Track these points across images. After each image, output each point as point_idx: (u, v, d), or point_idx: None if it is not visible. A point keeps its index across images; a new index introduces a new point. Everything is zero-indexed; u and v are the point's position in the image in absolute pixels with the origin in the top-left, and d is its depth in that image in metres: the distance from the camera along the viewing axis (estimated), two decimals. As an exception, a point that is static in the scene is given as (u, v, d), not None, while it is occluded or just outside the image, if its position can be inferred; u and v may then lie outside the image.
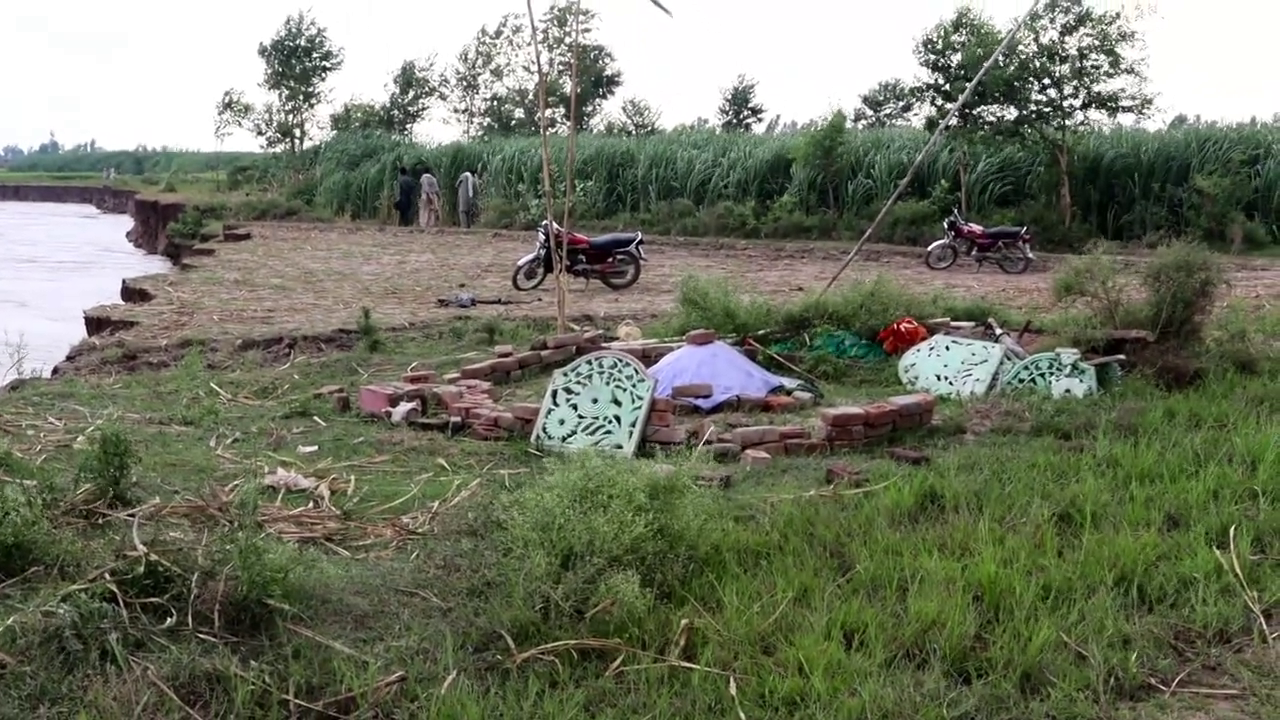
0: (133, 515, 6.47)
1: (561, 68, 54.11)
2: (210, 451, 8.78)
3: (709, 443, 8.89)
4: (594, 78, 57.99)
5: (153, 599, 4.99)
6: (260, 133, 61.02)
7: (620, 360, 9.49)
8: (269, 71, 59.36)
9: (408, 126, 62.20)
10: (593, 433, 9.13)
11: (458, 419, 9.74)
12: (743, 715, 4.45)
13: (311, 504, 7.13)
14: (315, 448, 8.99)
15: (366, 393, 10.45)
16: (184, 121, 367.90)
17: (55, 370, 15.13)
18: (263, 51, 59.56)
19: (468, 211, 41.67)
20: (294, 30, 59.79)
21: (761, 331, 13.08)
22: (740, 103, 66.83)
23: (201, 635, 4.74)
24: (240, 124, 62.25)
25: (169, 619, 4.87)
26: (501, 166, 43.72)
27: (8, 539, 5.70)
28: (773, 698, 4.57)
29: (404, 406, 9.98)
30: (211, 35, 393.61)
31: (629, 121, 62.90)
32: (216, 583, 4.95)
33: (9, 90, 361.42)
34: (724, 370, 11.19)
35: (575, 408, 9.30)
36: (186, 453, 8.68)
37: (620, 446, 8.83)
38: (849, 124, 43.69)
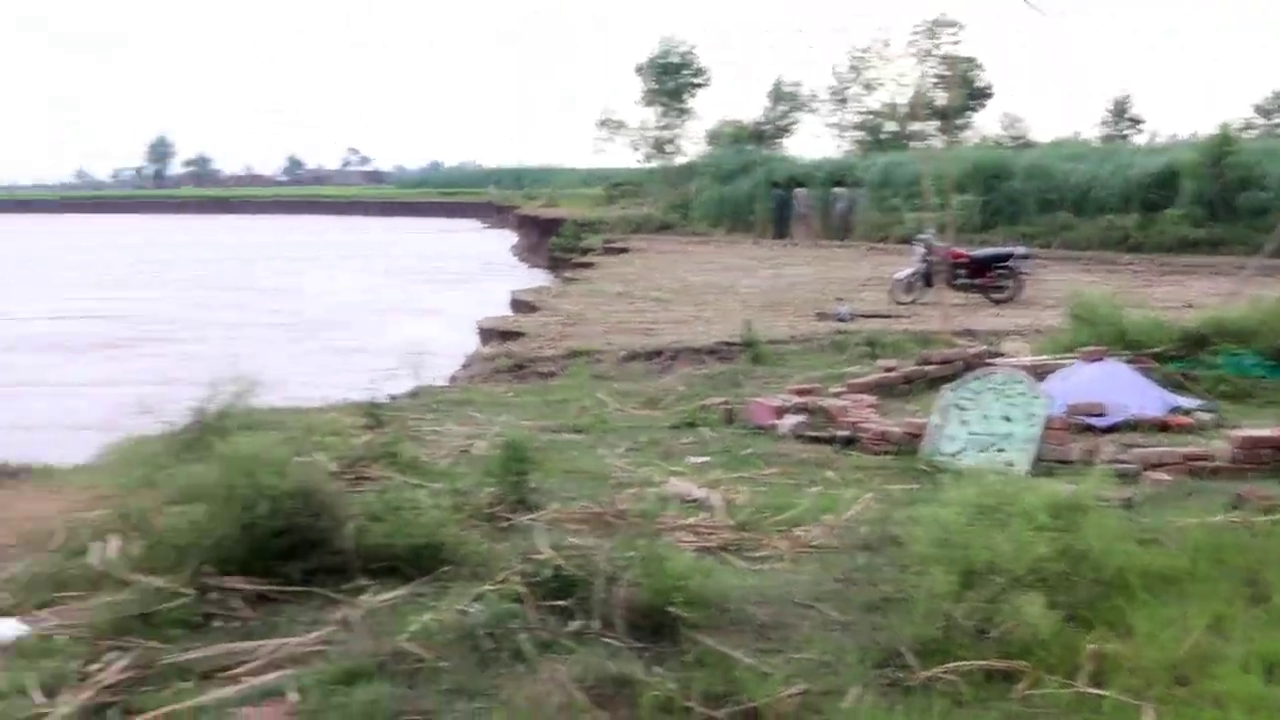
0: (535, 519, 6.73)
1: (934, 80, 53.14)
2: (603, 460, 9.03)
3: (1108, 462, 8.51)
4: (966, 89, 56.76)
5: (559, 601, 5.16)
6: (636, 148, 62.87)
7: (1012, 377, 9.22)
8: (644, 89, 61.06)
9: (779, 141, 62.57)
10: (984, 449, 8.91)
11: (846, 432, 9.68)
12: (1161, 749, 4.21)
13: (705, 514, 7.22)
14: (706, 458, 9.11)
15: (754, 405, 10.53)
16: (561, 139, 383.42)
17: (451, 378, 15.91)
18: (639, 69, 61.33)
19: (844, 225, 41.46)
20: (667, 48, 61.34)
21: (1156, 349, 12.43)
22: (1119, 114, 64.26)
23: (606, 639, 4.85)
24: (615, 140, 64.47)
25: (574, 622, 5.01)
26: (875, 180, 43.28)
27: (420, 538, 6.05)
28: (1191, 731, 4.29)
29: (791, 419, 10.00)
30: (588, 55, 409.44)
31: (1003, 134, 61.32)
32: (619, 588, 5.07)
33: (396, 115, 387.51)
34: (1119, 388, 10.69)
35: (965, 424, 9.11)
36: (580, 460, 8.97)
37: (1012, 464, 8.57)
38: (1240, 132, 41.18)
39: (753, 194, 46.32)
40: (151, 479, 7.49)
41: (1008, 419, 8.97)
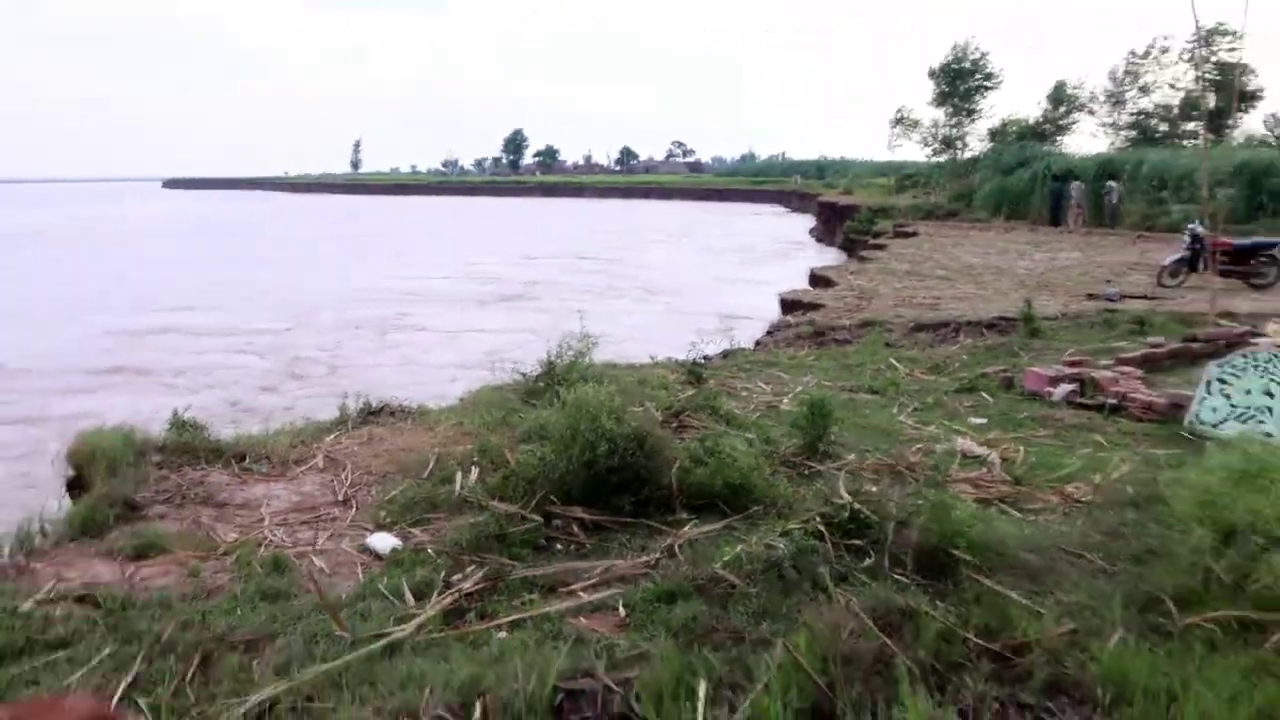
0: (836, 468, 6.73)
1: (1207, 84, 49.88)
2: (894, 418, 8.97)
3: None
4: (1238, 93, 53.06)
5: (854, 541, 5.15)
6: (926, 144, 61.42)
7: (1274, 355, 8.65)
8: (936, 91, 59.58)
9: (1057, 138, 60.07)
10: (1245, 420, 8.42)
11: (1114, 401, 9.33)
12: None
13: (985, 469, 7.07)
14: (985, 420, 8.94)
15: (1030, 373, 10.24)
16: (859, 135, 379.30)
17: (757, 343, 15.97)
18: (932, 74, 59.88)
19: (1112, 215, 39.69)
20: (959, 54, 59.60)
21: None
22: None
23: (895, 576, 4.84)
24: (909, 137, 63.04)
25: (867, 559, 5.01)
26: (1145, 175, 41.40)
27: (735, 480, 6.13)
28: None
29: (1064, 387, 9.69)
30: (886, 59, 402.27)
31: (1270, 134, 57.19)
32: (909, 531, 5.03)
33: (717, 111, 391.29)
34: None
35: (1228, 397, 8.62)
36: (874, 417, 8.92)
37: (1272, 435, 8.05)
38: None
39: (1030, 185, 44.83)
40: (507, 420, 7.85)
41: (1269, 394, 8.43)
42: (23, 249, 54.25)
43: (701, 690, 3.83)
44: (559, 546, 5.67)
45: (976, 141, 60.64)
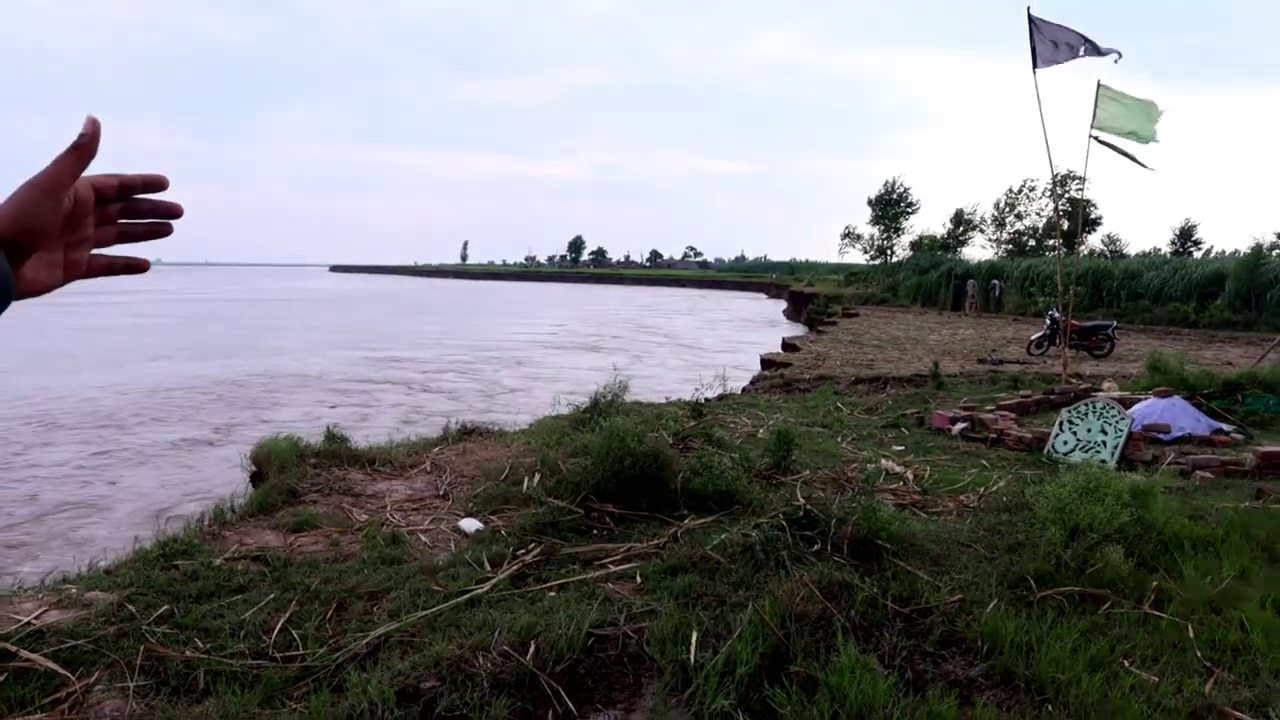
0: (796, 480, 6.65)
1: (1063, 211, 49.89)
2: (838, 445, 8.88)
3: (1170, 463, 7.76)
4: (1084, 220, 53.05)
5: (806, 532, 5.08)
6: (866, 251, 61.53)
7: (1108, 404, 8.55)
8: (873, 214, 59.75)
9: (958, 249, 60.13)
10: (1086, 450, 8.32)
11: (995, 435, 9.20)
12: (1199, 653, 3.86)
13: (902, 483, 6.98)
14: (903, 447, 8.84)
15: (936, 415, 10.13)
16: (819, 243, 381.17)
17: (743, 389, 15.90)
18: (870, 202, 60.15)
19: (997, 304, 39.57)
20: (890, 188, 59.77)
21: (1206, 390, 11.26)
22: (1185, 237, 59.20)
23: (835, 559, 4.76)
24: (855, 246, 63.16)
25: (816, 546, 4.93)
26: (1019, 276, 41.49)
27: (723, 487, 6.07)
28: (1221, 644, 3.95)
29: (960, 425, 9.57)
30: (834, 189, 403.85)
31: (1105, 249, 57.29)
32: (846, 526, 4.95)
33: (723, 223, 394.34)
34: (1179, 415, 9.83)
35: (1075, 434, 8.52)
36: (824, 444, 8.83)
37: (1105, 461, 7.95)
38: (1270, 249, 37.67)
39: (939, 282, 44.81)
40: (561, 440, 7.83)
41: (1104, 431, 8.34)
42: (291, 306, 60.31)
43: (694, 638, 3.78)
44: (595, 532, 5.62)
45: (901, 250, 60.85)
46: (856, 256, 72.70)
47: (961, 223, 61.61)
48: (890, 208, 60.83)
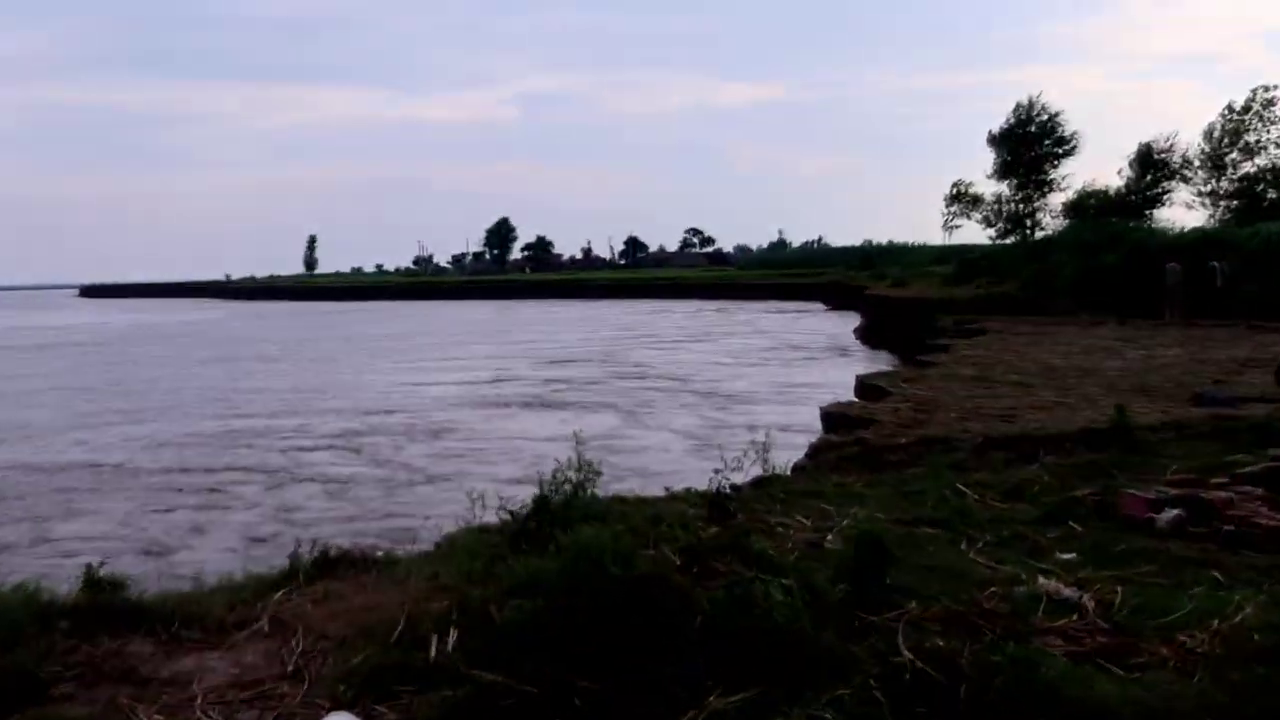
0: (894, 619, 6.64)
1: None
2: (963, 555, 8.88)
3: None
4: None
5: (919, 708, 5.05)
6: (990, 224, 62.02)
7: None
8: (998, 161, 60.25)
9: (1147, 211, 60.38)
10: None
11: (1233, 528, 9.21)
12: None
13: (1077, 616, 6.97)
14: (1074, 554, 8.85)
15: (1128, 496, 10.16)
16: (910, 215, 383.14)
17: (796, 468, 15.88)
18: (992, 140, 60.63)
19: (1219, 301, 39.64)
20: (1025, 115, 60.36)
21: None
22: None
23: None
24: (969, 216, 63.78)
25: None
26: (1257, 251, 41.26)
27: (771, 636, 6.04)
28: None
29: (1170, 513, 9.60)
30: (937, 126, 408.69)
31: None
32: (988, 694, 4.93)
33: (739, 192, 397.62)
34: None
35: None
36: (938, 555, 8.82)
37: None
38: None
39: (1118, 269, 44.93)
40: (492, 570, 7.79)
41: None
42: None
43: None
44: (557, 722, 5.58)
45: (1050, 218, 61.24)
46: (974, 232, 73.13)
47: (1151, 167, 61.99)
48: (1028, 148, 61.35)
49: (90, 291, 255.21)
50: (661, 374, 46.24)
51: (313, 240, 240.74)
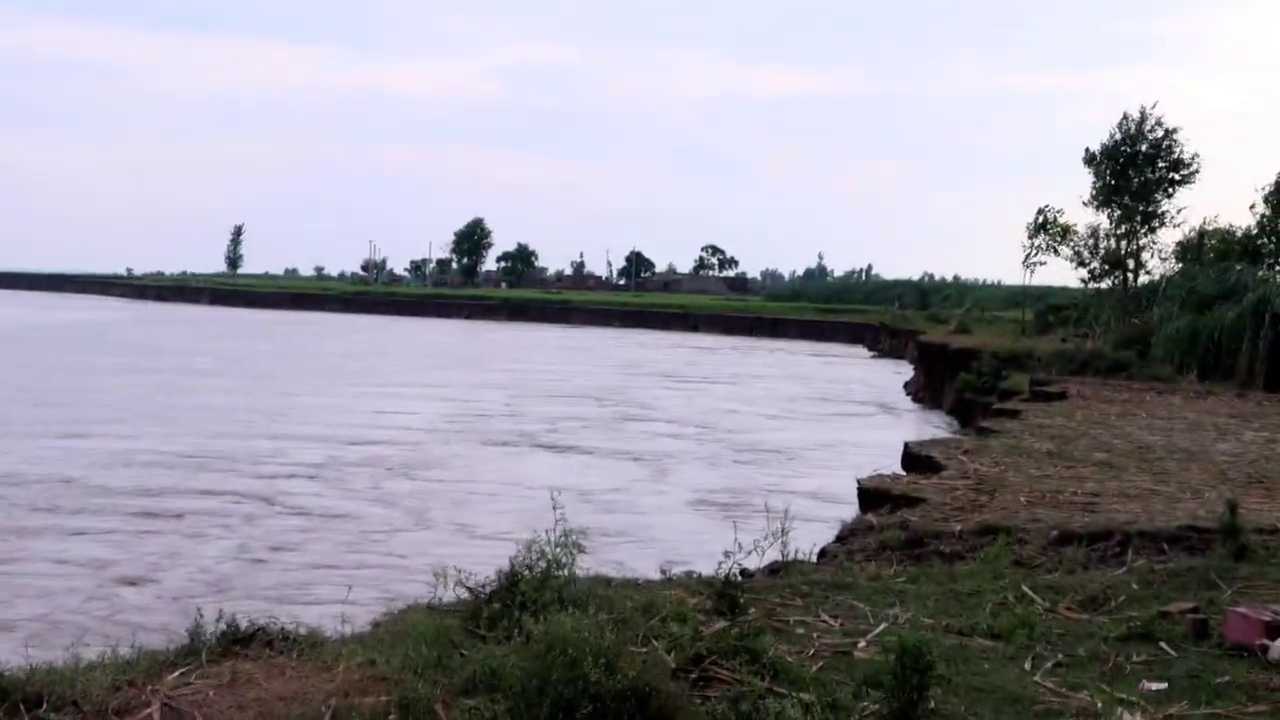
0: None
1: None
2: (1026, 677, 8.88)
3: None
4: None
5: None
6: (1082, 263, 61.85)
7: None
8: (1097, 185, 60.10)
9: (1280, 259, 60.05)
10: None
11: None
12: None
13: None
14: (1164, 684, 8.86)
15: (1235, 615, 10.15)
16: (981, 246, 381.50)
17: (823, 552, 15.90)
18: (1089, 159, 60.48)
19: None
20: (1132, 131, 60.23)
21: None
22: None
23: None
24: (1056, 251, 63.66)
25: None
26: None
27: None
28: None
29: (1286, 641, 9.59)
30: (1022, 137, 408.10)
31: None
32: None
33: (772, 204, 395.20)
34: None
35: None
36: (995, 674, 8.84)
37: None
38: None
39: (1238, 328, 44.81)
40: (443, 661, 7.79)
41: None
42: None
43: None
44: None
45: (1158, 260, 61.01)
46: (1060, 271, 73.08)
47: (1289, 202, 61.63)
48: (1135, 171, 61.33)
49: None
50: (673, 418, 47.81)
51: (238, 232, 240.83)
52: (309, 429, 42.07)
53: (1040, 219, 65.44)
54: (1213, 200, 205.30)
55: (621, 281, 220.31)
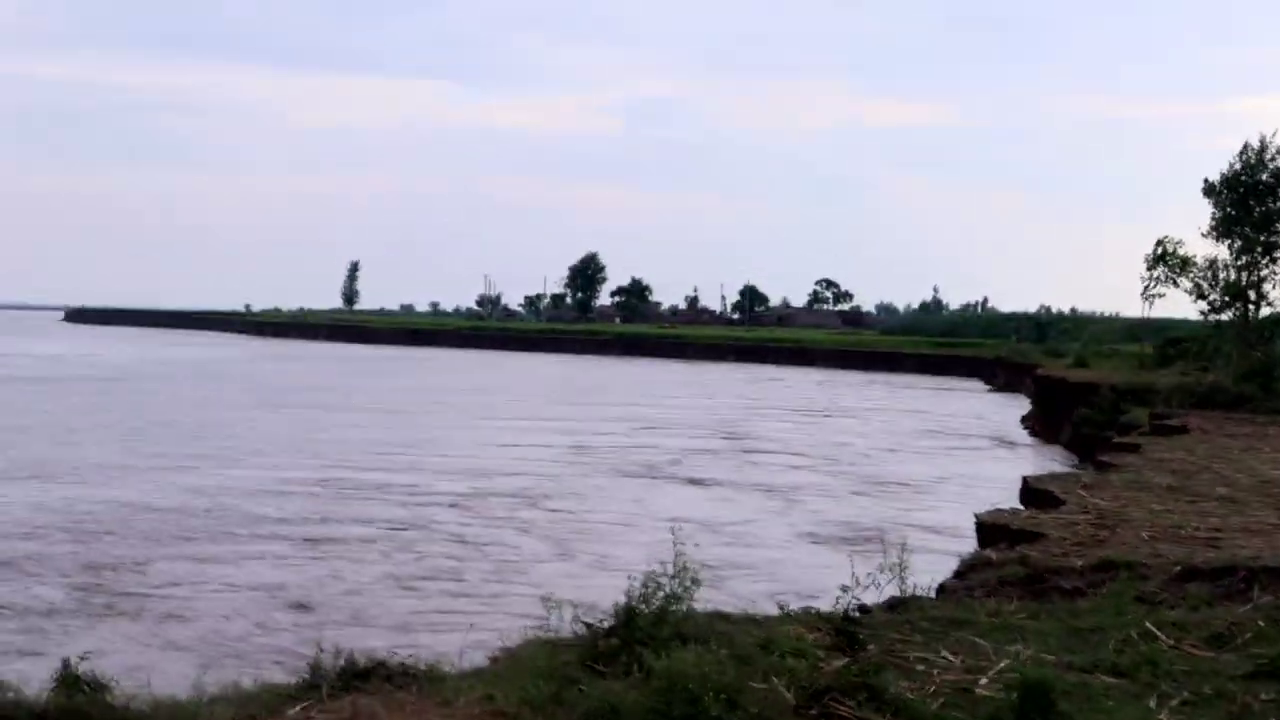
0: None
1: None
2: (1150, 714, 8.79)
3: None
4: None
5: None
6: (1201, 294, 60.98)
7: None
8: (1218, 215, 59.26)
9: None
10: None
11: None
12: None
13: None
14: (1295, 726, 8.72)
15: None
16: (1099, 278, 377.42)
17: (942, 588, 15.79)
18: (1209, 190, 59.67)
19: None
20: (1252, 161, 59.34)
21: None
22: None
23: None
24: (1176, 283, 62.91)
25: None
26: None
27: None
28: None
29: None
30: (1141, 168, 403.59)
31: None
32: None
33: (887, 236, 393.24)
34: None
35: None
36: (1119, 713, 8.77)
37: None
38: None
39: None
40: (561, 697, 7.80)
41: None
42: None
43: None
44: None
45: (1279, 292, 60.03)
46: (1180, 304, 72.24)
47: None
48: (1258, 200, 60.41)
49: (77, 315, 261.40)
50: (796, 450, 49.42)
51: (354, 268, 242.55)
52: (448, 461, 43.36)
53: (1159, 250, 64.82)
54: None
55: (735, 315, 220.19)
